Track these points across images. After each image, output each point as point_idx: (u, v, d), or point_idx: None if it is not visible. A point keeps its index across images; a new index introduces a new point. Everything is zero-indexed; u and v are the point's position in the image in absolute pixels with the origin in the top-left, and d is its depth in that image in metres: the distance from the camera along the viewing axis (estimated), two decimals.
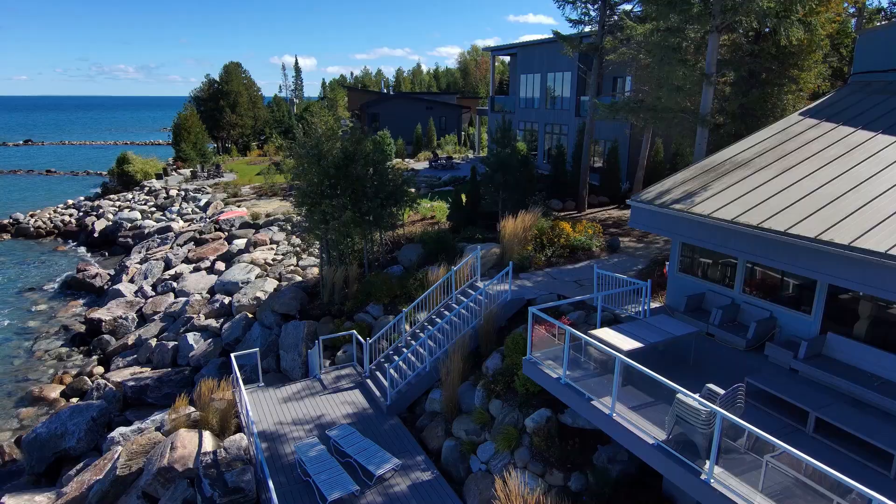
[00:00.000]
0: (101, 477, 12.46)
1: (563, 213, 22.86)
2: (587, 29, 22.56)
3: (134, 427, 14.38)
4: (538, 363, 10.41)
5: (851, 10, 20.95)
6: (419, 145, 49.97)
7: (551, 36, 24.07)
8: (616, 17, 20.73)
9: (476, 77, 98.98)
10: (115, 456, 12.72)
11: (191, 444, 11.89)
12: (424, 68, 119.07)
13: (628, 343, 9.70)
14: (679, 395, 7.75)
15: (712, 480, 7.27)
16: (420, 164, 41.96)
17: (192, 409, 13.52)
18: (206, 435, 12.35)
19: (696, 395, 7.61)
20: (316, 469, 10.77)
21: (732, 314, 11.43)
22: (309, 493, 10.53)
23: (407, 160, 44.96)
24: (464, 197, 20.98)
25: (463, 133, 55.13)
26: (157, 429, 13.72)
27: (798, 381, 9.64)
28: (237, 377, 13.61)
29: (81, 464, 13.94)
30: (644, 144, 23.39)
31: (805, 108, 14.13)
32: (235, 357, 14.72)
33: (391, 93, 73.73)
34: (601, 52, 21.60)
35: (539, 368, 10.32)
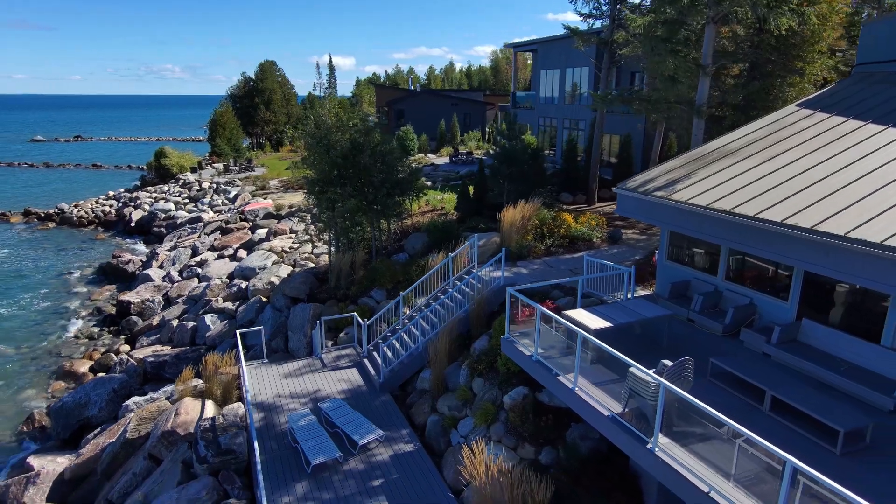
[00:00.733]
0: (113, 440, 13.46)
1: (572, 206, 23.02)
2: (599, 23, 22.67)
3: (147, 397, 15.39)
4: (515, 342, 10.81)
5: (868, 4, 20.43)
6: (443, 141, 50.50)
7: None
8: (626, 11, 20.78)
9: (507, 74, 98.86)
10: (127, 421, 13.71)
11: (193, 412, 12.74)
12: (457, 66, 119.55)
13: (597, 322, 10.01)
14: (632, 369, 8.05)
15: (657, 449, 7.56)
16: (441, 160, 42.57)
17: (199, 380, 14.41)
18: (209, 404, 13.19)
19: (650, 371, 7.89)
20: (304, 437, 11.44)
21: (714, 301, 11.56)
22: (296, 458, 11.21)
23: (429, 155, 45.60)
24: (471, 188, 21.41)
25: (487, 129, 55.41)
26: (168, 398, 14.67)
27: (766, 364, 9.77)
28: (239, 351, 14.44)
29: (99, 429, 15.02)
30: (657, 139, 23.31)
31: (803, 100, 14.03)
32: (241, 334, 15.58)
33: (418, 90, 74.50)
34: (612, 47, 21.67)
35: (515, 346, 10.72)
